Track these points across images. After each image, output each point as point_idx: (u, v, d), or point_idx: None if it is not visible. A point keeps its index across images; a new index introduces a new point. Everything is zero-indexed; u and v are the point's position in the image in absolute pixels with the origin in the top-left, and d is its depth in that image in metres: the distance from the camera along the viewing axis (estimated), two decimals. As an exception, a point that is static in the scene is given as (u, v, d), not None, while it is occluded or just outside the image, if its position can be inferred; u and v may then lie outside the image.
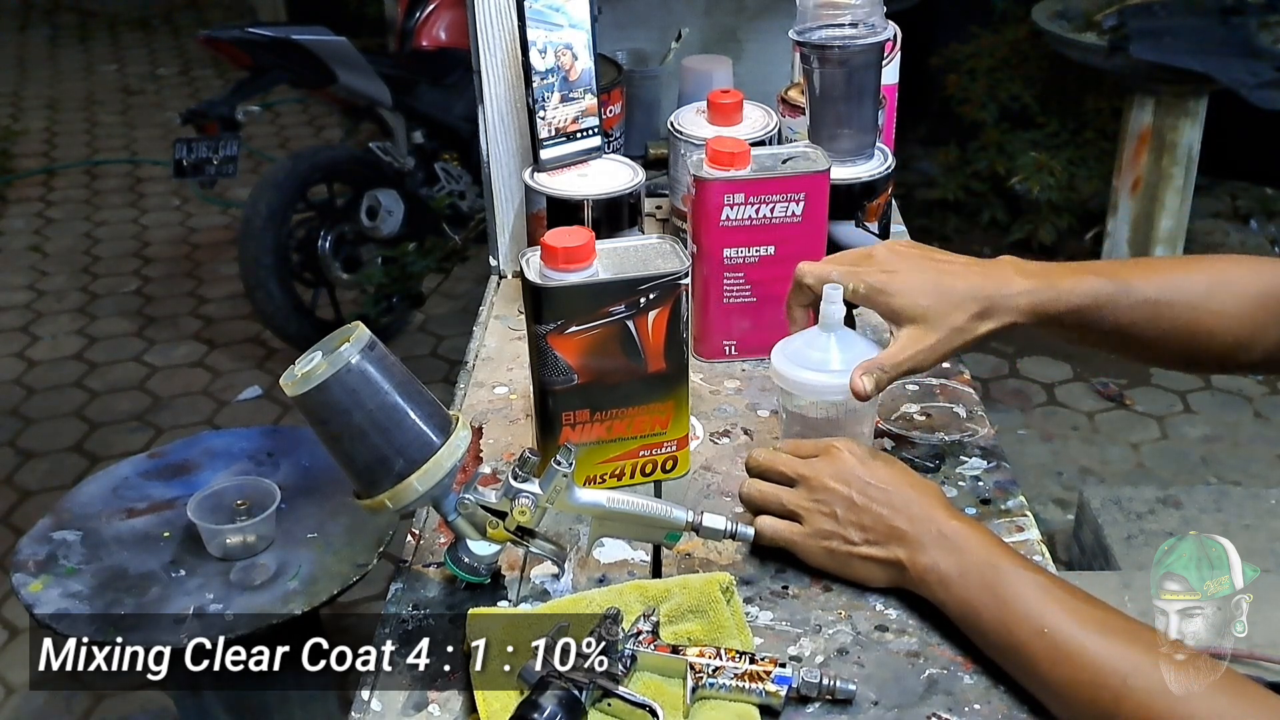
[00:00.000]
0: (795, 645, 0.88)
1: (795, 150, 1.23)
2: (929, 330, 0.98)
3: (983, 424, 1.16)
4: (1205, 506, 2.40)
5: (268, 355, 3.59)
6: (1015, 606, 0.83)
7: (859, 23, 1.24)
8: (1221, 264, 1.05)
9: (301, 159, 3.45)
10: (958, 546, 0.87)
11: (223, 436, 1.99)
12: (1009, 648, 0.83)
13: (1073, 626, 0.80)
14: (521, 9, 1.22)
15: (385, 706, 0.84)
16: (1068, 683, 0.79)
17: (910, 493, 0.91)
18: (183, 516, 1.60)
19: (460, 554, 0.92)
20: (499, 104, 1.39)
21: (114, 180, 4.95)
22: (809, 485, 0.94)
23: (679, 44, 1.71)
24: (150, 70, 6.29)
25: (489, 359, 1.30)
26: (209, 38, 3.31)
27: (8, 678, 2.38)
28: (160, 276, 4.13)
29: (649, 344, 1.00)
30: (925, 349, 0.98)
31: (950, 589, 0.86)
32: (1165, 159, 3.38)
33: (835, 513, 0.92)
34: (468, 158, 3.53)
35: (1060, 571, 0.90)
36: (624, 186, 1.28)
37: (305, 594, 1.52)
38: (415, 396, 0.88)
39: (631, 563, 0.98)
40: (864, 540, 0.91)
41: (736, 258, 1.20)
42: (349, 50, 3.26)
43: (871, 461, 0.94)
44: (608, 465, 1.05)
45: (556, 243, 0.96)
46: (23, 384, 3.48)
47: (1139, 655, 0.78)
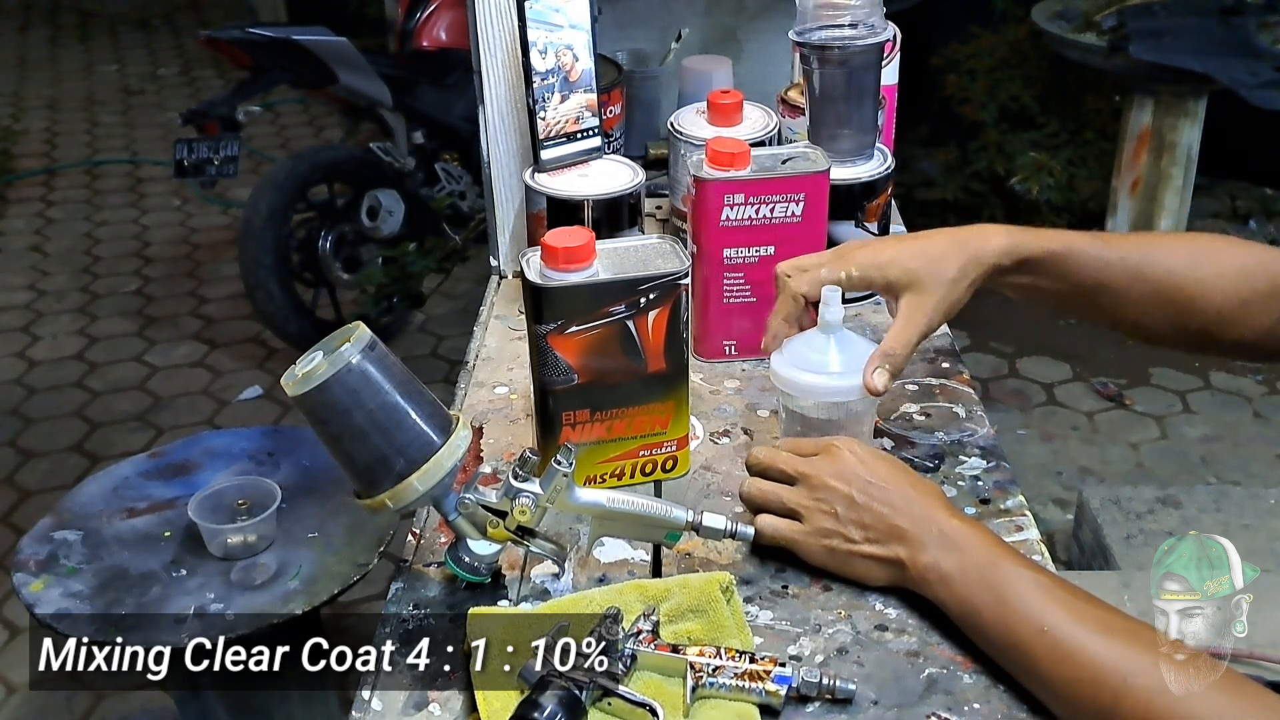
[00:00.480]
0: (795, 645, 0.88)
1: (795, 150, 1.23)
2: (925, 292, 1.00)
3: (982, 424, 1.16)
4: (1205, 506, 2.40)
5: (268, 355, 3.59)
6: (1016, 605, 0.83)
7: (859, 23, 1.24)
8: (1203, 238, 1.09)
9: (302, 159, 3.45)
10: (958, 545, 0.87)
11: (223, 436, 1.99)
12: (1009, 646, 0.83)
13: (1073, 625, 0.80)
14: (522, 9, 1.23)
15: (385, 706, 0.84)
16: (1068, 681, 0.79)
17: (911, 492, 0.91)
18: (183, 516, 1.60)
19: (460, 554, 0.92)
20: (499, 104, 1.39)
21: (114, 180, 4.95)
22: (809, 484, 0.94)
23: (679, 44, 1.71)
24: (150, 70, 6.29)
25: (489, 359, 1.30)
26: (209, 38, 3.31)
27: (8, 678, 2.38)
28: (161, 276, 4.13)
29: (649, 344, 1.00)
30: (928, 310, 1.00)
31: (950, 588, 0.86)
32: (1165, 159, 3.38)
33: (836, 511, 0.92)
34: (468, 158, 3.53)
35: (1060, 571, 0.90)
36: (624, 187, 1.28)
37: (305, 594, 1.52)
38: (416, 396, 0.88)
39: (631, 563, 0.99)
40: (864, 539, 0.91)
41: (736, 258, 1.20)
42: (349, 50, 3.26)
43: (872, 460, 0.94)
44: (608, 465, 1.05)
45: (556, 243, 0.96)
46: (23, 384, 3.48)
47: (1140, 655, 0.78)
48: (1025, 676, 0.82)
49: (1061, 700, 0.80)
